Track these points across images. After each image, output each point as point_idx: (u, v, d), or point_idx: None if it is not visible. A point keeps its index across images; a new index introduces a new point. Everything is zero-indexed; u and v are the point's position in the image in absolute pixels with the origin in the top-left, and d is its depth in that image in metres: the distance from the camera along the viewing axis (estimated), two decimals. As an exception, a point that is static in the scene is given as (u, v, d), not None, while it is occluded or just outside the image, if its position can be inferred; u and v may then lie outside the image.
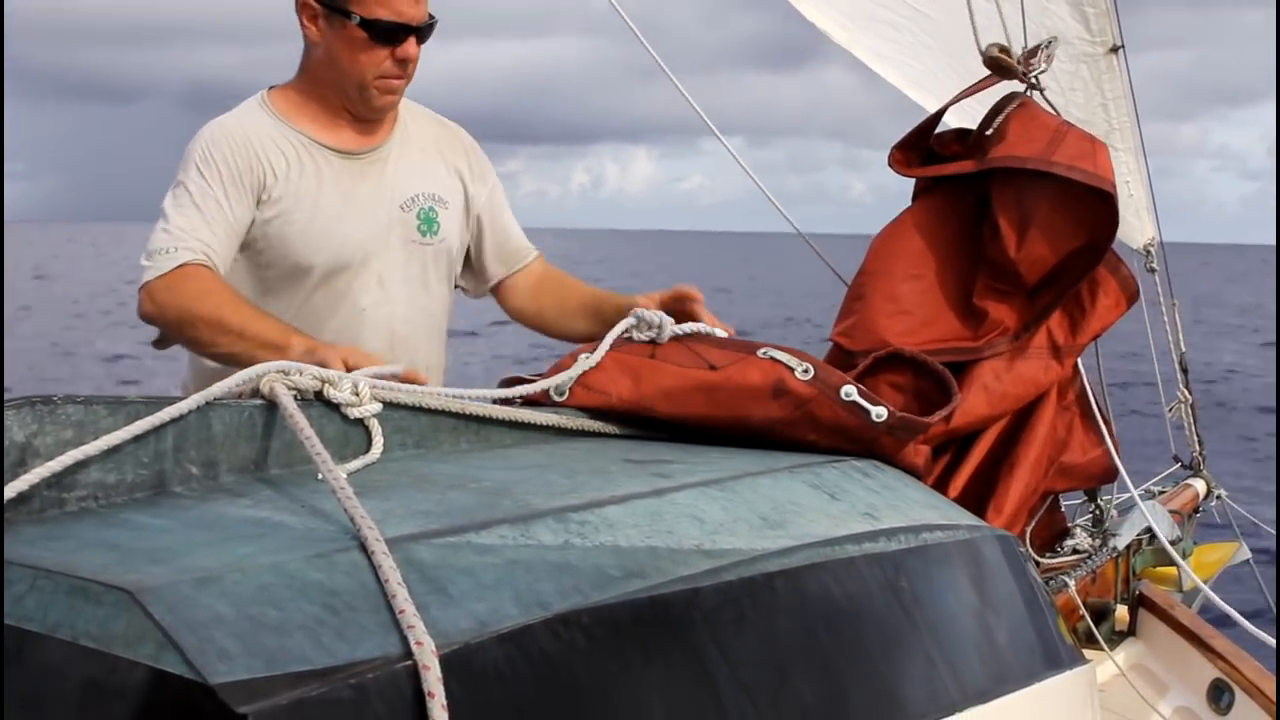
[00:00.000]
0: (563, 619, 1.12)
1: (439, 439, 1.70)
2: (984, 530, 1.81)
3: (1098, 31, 3.88)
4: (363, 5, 2.34)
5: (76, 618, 0.98)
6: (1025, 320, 2.54)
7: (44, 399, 1.28)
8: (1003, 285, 2.55)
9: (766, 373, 1.93)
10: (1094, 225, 2.51)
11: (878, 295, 2.53)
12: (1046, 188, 2.49)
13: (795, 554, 1.39)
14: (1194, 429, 4.56)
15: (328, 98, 2.47)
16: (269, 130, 2.43)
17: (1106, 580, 3.02)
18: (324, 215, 2.43)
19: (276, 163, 2.41)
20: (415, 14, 2.38)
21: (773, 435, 1.92)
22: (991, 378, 2.48)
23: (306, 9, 2.40)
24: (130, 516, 1.24)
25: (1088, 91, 3.94)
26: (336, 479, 1.24)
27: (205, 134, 2.42)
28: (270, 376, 1.50)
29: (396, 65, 2.41)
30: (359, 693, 0.96)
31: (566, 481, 1.48)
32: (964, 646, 1.60)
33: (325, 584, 1.06)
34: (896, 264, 2.58)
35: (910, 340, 2.42)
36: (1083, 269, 2.54)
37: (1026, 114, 2.61)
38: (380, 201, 2.49)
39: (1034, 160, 2.49)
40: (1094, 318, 2.62)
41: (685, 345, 2.06)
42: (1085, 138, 2.55)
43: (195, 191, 2.36)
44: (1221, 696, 2.81)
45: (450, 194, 2.60)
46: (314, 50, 2.45)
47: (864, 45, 4.12)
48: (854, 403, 1.89)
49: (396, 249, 2.50)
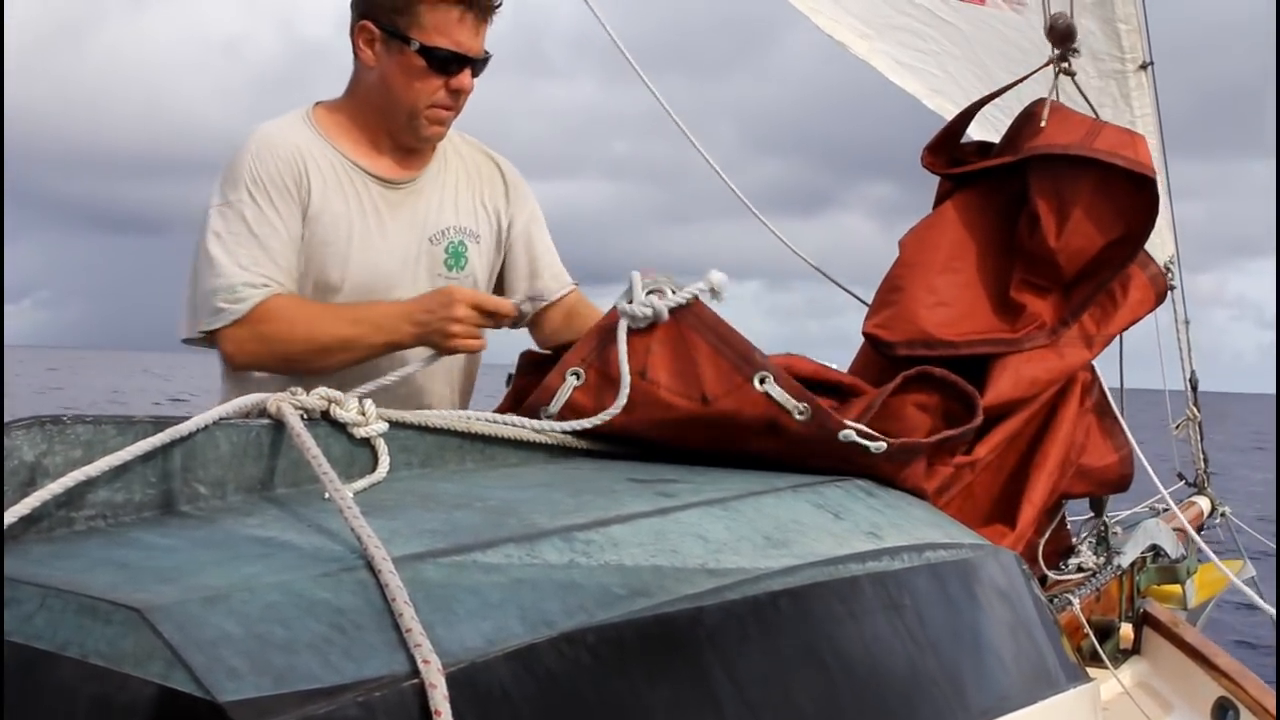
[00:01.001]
0: (568, 638, 1.12)
1: (444, 458, 1.70)
2: (987, 549, 1.81)
3: (1129, 48, 3.89)
4: (423, 32, 2.34)
5: (86, 636, 0.98)
6: (1062, 315, 2.54)
7: (53, 419, 1.29)
8: (1039, 280, 2.55)
9: (761, 412, 1.84)
10: (1132, 215, 2.51)
11: (917, 286, 2.51)
12: (1086, 177, 2.50)
13: (799, 573, 1.40)
14: (1200, 446, 4.57)
15: (373, 123, 2.46)
16: (312, 146, 2.42)
17: (1111, 598, 3.02)
18: (358, 240, 2.43)
19: (316, 180, 2.40)
20: (474, 46, 2.39)
21: (770, 459, 1.90)
22: (1023, 363, 2.48)
23: (364, 32, 2.39)
24: (138, 535, 1.24)
25: (1117, 108, 3.96)
26: (343, 498, 1.24)
27: (252, 147, 2.39)
28: (277, 396, 1.51)
29: (450, 95, 2.41)
30: (366, 711, 0.97)
31: (572, 500, 1.49)
32: (968, 665, 1.60)
33: (332, 603, 1.06)
34: (934, 256, 2.58)
35: (950, 332, 2.42)
36: (1121, 261, 2.54)
37: (1062, 113, 2.63)
38: (411, 233, 2.49)
39: (1075, 147, 2.50)
40: (1124, 310, 2.63)
41: (681, 337, 1.89)
42: (1124, 130, 2.57)
43: (251, 218, 2.33)
44: (1226, 715, 2.80)
45: (483, 228, 2.58)
46: (366, 74, 2.45)
47: (884, 54, 4.13)
48: (852, 443, 1.85)
49: (423, 281, 2.48)
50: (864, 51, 4.12)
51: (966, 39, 3.97)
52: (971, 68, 3.93)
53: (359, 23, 2.40)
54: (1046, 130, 2.55)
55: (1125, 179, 2.46)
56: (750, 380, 1.84)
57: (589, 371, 1.90)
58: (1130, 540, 3.15)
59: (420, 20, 2.34)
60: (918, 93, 4.12)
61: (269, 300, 2.30)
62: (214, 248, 2.33)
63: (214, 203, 2.37)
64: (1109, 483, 2.83)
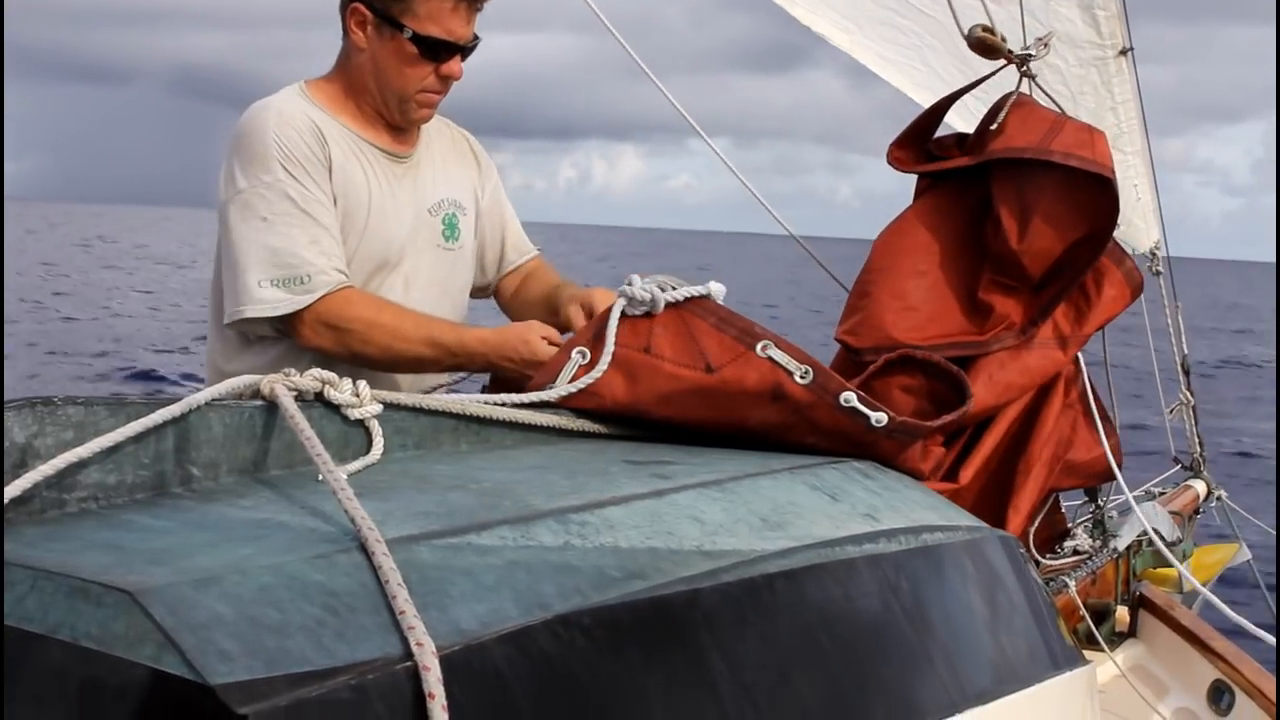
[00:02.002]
0: (563, 620, 1.12)
1: (439, 440, 1.70)
2: (984, 531, 1.81)
3: (1108, 34, 3.87)
4: (416, 20, 2.35)
5: (77, 619, 0.98)
6: (1031, 315, 2.53)
7: (44, 400, 1.28)
8: (1007, 280, 2.55)
9: (764, 376, 1.89)
10: (1095, 214, 2.50)
11: (884, 292, 2.52)
12: (1047, 178, 2.49)
13: (795, 555, 1.39)
14: (1195, 430, 4.57)
15: (364, 101, 2.47)
16: (321, 118, 2.42)
17: (1107, 581, 3.02)
18: (375, 211, 2.44)
19: (336, 151, 2.40)
20: (465, 33, 2.41)
21: (771, 437, 1.91)
22: (997, 368, 2.48)
23: (356, 14, 2.39)
24: (131, 517, 1.24)
25: (1098, 95, 3.94)
26: (337, 480, 1.24)
27: (269, 123, 2.35)
28: (270, 377, 1.50)
29: (440, 81, 2.43)
30: (359, 694, 0.96)
31: (567, 482, 1.48)
32: (964, 647, 1.60)
33: (326, 585, 1.06)
34: (902, 261, 2.58)
35: (917, 336, 2.41)
36: (1086, 261, 2.53)
37: (1025, 109, 2.62)
38: (414, 205, 2.52)
39: (1031, 150, 2.49)
40: (1099, 308, 2.62)
41: (683, 321, 1.97)
42: (1083, 128, 2.55)
43: (297, 196, 2.31)
44: (1222, 697, 2.81)
45: (467, 200, 2.64)
46: (356, 55, 2.44)
47: (867, 48, 4.10)
48: (853, 408, 1.87)
49: (425, 253, 2.53)
50: (846, 44, 4.07)
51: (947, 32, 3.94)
52: (953, 60, 3.89)
53: (350, 3, 2.40)
54: (1007, 131, 2.54)
55: (1087, 178, 2.45)
56: (752, 349, 1.91)
57: (593, 352, 1.96)
58: (1126, 524, 3.15)
59: (414, 8, 2.35)
60: (903, 87, 4.09)
61: (342, 292, 2.31)
62: (264, 234, 2.29)
63: (241, 187, 2.32)
64: (1098, 475, 2.83)
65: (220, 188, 2.37)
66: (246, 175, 2.32)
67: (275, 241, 2.29)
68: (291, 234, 2.29)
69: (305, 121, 2.37)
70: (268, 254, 2.29)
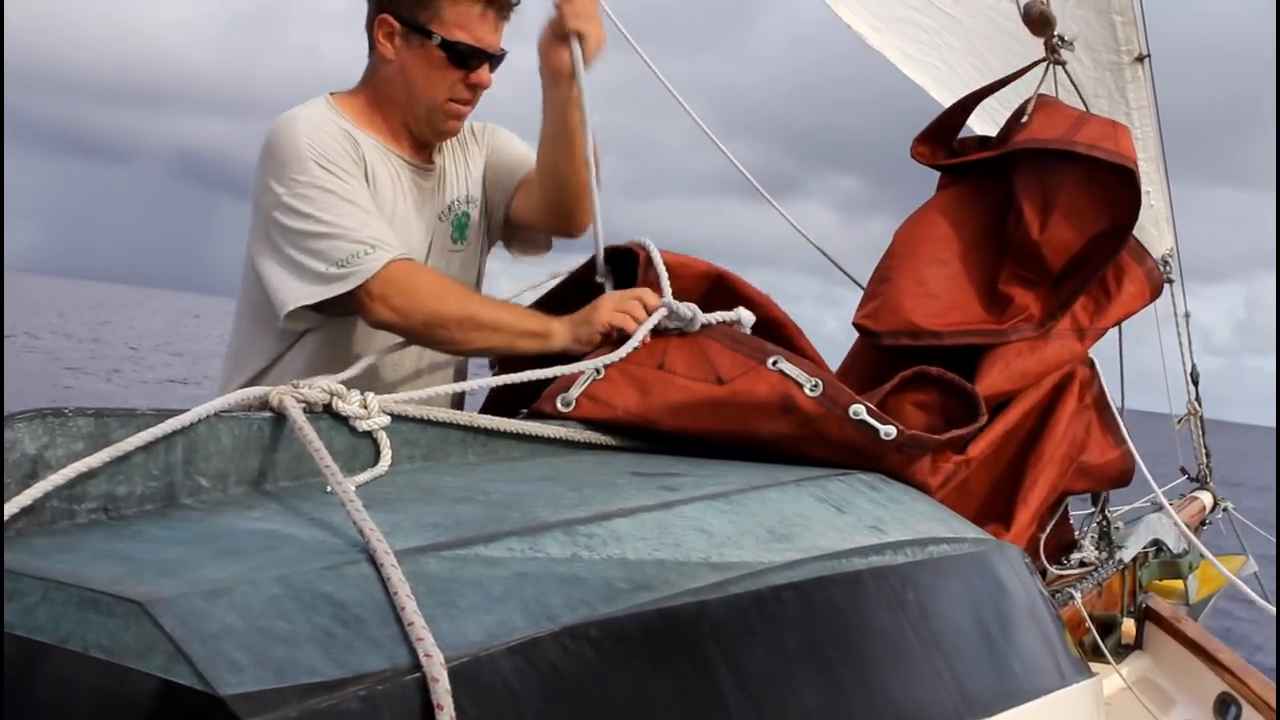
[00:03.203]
0: (571, 631, 1.12)
1: (447, 451, 1.70)
2: (990, 543, 1.81)
3: (1124, 40, 3.88)
4: (444, 27, 2.35)
5: (88, 629, 0.98)
6: (1050, 308, 2.54)
7: (55, 411, 1.28)
8: (1028, 274, 2.55)
9: (774, 388, 1.91)
10: (1116, 208, 2.51)
11: (904, 277, 2.52)
12: (1069, 170, 2.50)
13: (802, 567, 1.40)
14: (1202, 441, 4.56)
15: (392, 114, 2.47)
16: (350, 127, 2.42)
17: (1113, 593, 3.02)
18: (399, 221, 2.44)
19: (367, 155, 2.40)
20: (493, 41, 2.41)
21: (781, 449, 1.92)
22: (1014, 356, 2.49)
23: (384, 25, 2.40)
24: (140, 528, 1.24)
25: (1113, 99, 3.95)
26: (345, 491, 1.24)
27: (300, 130, 2.31)
28: (279, 389, 1.50)
29: (468, 90, 2.43)
30: (368, 704, 0.97)
31: (574, 494, 1.48)
32: (970, 659, 1.60)
33: (334, 596, 1.06)
34: (923, 249, 2.58)
35: (936, 322, 2.42)
36: (1106, 255, 2.54)
37: (1049, 106, 2.63)
38: (430, 214, 2.54)
39: (1056, 141, 2.50)
40: (1118, 303, 2.63)
41: (698, 345, 2.02)
42: (1107, 123, 2.56)
43: (337, 188, 2.27)
44: (1228, 710, 2.81)
45: (475, 189, 2.65)
46: (384, 67, 2.44)
47: (894, 47, 4.16)
48: (862, 421, 1.87)
49: (435, 256, 2.54)
50: (877, 44, 4.15)
51: (965, 31, 3.97)
52: (970, 59, 3.94)
53: (378, 16, 2.41)
54: (1031, 124, 2.56)
55: (1109, 172, 2.46)
56: (763, 362, 1.95)
57: (609, 366, 2.00)
58: (1132, 535, 3.15)
59: (442, 15, 2.36)
60: (926, 85, 4.14)
61: (403, 259, 2.25)
62: (310, 224, 2.24)
63: (280, 192, 2.27)
64: (1110, 479, 2.83)
65: (255, 204, 2.33)
66: (282, 181, 2.28)
67: (325, 229, 2.24)
68: (341, 222, 2.25)
69: (335, 128, 2.37)
70: (321, 242, 2.24)
